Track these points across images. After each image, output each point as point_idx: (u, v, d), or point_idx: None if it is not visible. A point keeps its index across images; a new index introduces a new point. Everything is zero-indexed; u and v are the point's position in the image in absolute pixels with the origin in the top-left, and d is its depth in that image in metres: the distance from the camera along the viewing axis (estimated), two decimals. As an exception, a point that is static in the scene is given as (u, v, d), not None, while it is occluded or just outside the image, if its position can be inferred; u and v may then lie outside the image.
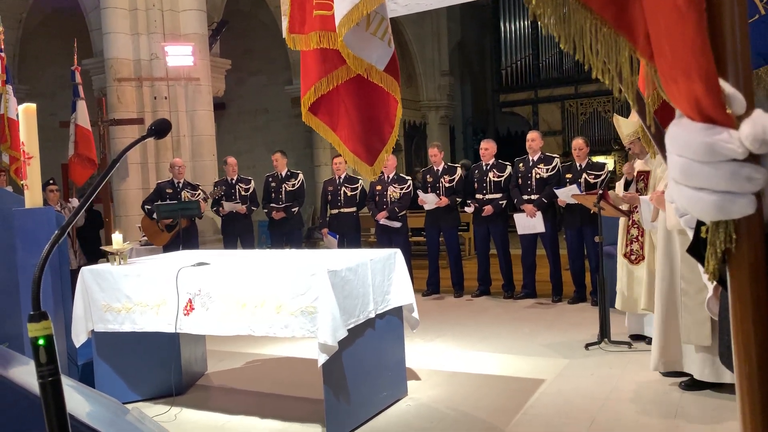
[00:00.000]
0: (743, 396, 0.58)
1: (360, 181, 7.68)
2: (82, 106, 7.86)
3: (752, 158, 0.54)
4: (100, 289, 3.99)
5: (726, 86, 0.55)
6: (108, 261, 4.24)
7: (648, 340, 4.89)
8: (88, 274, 4.06)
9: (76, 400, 1.38)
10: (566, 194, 6.26)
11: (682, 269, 3.85)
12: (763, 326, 0.57)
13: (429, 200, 7.23)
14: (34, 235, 3.78)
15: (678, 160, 0.57)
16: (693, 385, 3.91)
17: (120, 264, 4.09)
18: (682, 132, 0.56)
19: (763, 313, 0.57)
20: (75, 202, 7.84)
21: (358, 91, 3.16)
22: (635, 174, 4.85)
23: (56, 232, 1.15)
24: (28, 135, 3.94)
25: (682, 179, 0.57)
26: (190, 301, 3.69)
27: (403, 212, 7.40)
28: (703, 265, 0.59)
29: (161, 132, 1.50)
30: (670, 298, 3.94)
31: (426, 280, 7.50)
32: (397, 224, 7.28)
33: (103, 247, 4.59)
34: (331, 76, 3.11)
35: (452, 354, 5.07)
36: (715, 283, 0.61)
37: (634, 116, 4.69)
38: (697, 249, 0.61)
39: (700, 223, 0.60)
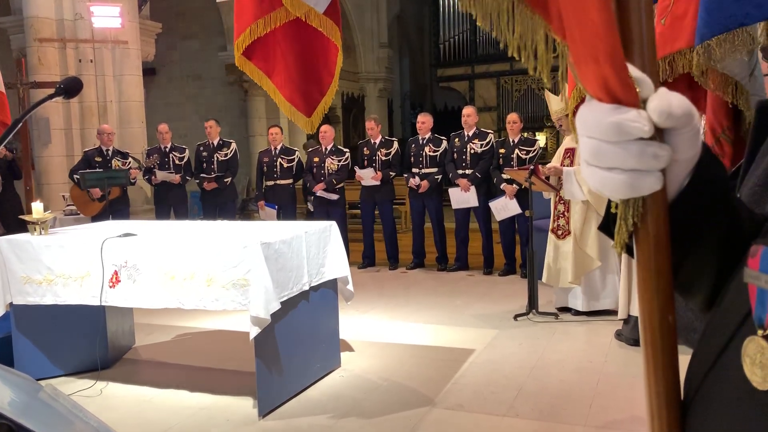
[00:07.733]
0: (647, 359, 0.62)
1: (296, 153, 7.58)
2: (-6, 66, 7.36)
3: (657, 136, 0.56)
4: (18, 260, 3.81)
5: (634, 70, 0.56)
6: (28, 231, 4.04)
7: (573, 312, 5.09)
8: (5, 244, 3.86)
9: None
10: (498, 208, 6.44)
11: None
12: (663, 295, 0.60)
13: (365, 176, 7.24)
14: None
15: (588, 141, 0.58)
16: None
17: (41, 234, 3.90)
18: (591, 113, 0.57)
19: (663, 282, 0.60)
20: (-8, 167, 7.39)
21: (297, 36, 2.93)
22: (562, 150, 4.99)
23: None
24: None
25: (593, 160, 0.58)
26: (116, 272, 3.57)
27: (341, 184, 7.38)
28: (613, 240, 0.61)
29: (71, 91, 1.40)
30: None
31: (362, 253, 7.53)
32: (334, 196, 7.26)
33: (21, 216, 4.36)
34: (268, 17, 2.86)
35: (386, 325, 5.12)
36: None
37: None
38: (607, 226, 0.63)
39: (610, 202, 0.62)
